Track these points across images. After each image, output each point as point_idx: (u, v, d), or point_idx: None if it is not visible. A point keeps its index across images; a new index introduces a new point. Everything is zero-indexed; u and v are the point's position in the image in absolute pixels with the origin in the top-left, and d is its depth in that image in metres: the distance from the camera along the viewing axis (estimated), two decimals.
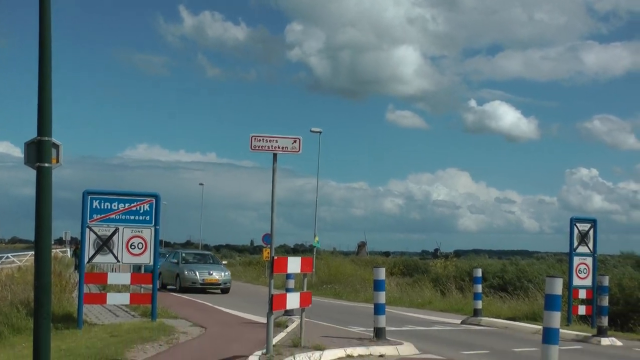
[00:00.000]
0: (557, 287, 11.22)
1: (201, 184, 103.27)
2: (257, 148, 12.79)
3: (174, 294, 31.95)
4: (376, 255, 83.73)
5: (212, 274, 36.29)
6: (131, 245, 18.06)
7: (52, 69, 6.90)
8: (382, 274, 16.03)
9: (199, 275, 35.96)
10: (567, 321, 21.49)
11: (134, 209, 18.21)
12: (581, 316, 22.25)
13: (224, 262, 43.18)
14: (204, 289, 36.13)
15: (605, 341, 18.24)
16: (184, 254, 40.88)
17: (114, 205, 18.08)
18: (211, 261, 40.84)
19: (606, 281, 19.42)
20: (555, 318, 11.16)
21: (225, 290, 36.70)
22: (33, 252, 7.38)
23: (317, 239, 51.62)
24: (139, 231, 18.24)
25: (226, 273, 37.75)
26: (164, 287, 36.13)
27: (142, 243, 18.23)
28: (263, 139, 12.81)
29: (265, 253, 44.35)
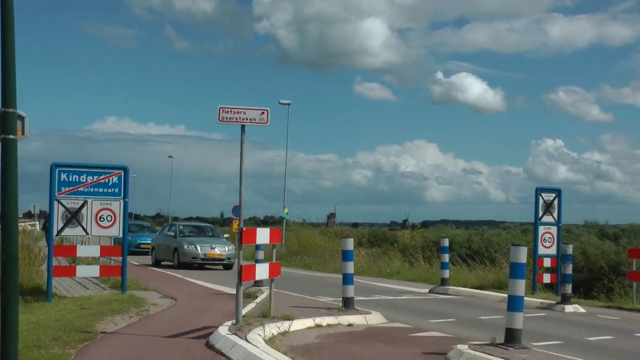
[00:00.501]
0: (522, 255, 11.27)
1: (170, 157, 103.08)
2: (225, 120, 12.70)
3: (138, 264, 31.69)
4: (345, 226, 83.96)
5: (214, 249, 32.38)
6: (100, 218, 18.02)
7: (16, 39, 6.84)
8: (350, 244, 16.04)
9: (200, 249, 32.10)
10: (532, 289, 21.65)
11: (103, 181, 18.08)
12: (546, 284, 22.41)
13: (225, 236, 37.96)
14: (205, 264, 33.12)
15: (569, 308, 18.39)
16: (181, 227, 37.22)
17: (83, 178, 17.96)
18: (211, 234, 36.90)
19: (570, 250, 19.55)
20: (520, 286, 11.21)
21: (228, 266, 32.25)
22: None
23: (286, 210, 51.68)
24: (108, 204, 18.18)
25: (230, 247, 32.88)
26: (158, 263, 34.13)
27: (111, 215, 18.18)
28: (231, 111, 12.73)
29: (235, 225, 43.57)
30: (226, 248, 33.04)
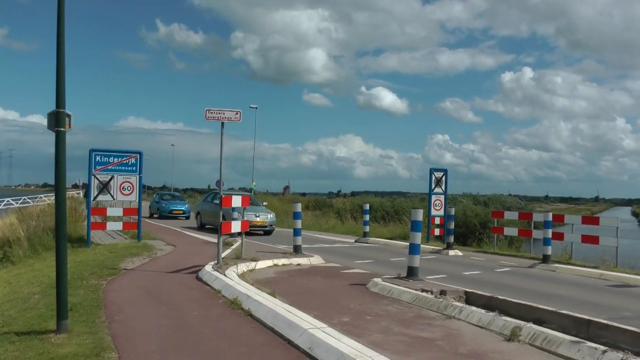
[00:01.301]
0: (419, 215, 11.47)
1: (172, 145, 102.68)
2: (209, 118, 12.79)
3: (151, 221, 31.40)
4: (296, 195, 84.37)
5: (258, 217, 25.89)
6: (122, 188, 18.24)
7: (66, 62, 6.93)
8: (299, 207, 16.14)
9: (246, 217, 23.41)
10: (426, 239, 21.93)
11: (125, 162, 18.34)
12: (436, 236, 22.65)
13: (264, 204, 31.08)
14: (250, 231, 24.53)
15: (451, 252, 18.66)
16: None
17: (111, 159, 18.24)
18: (256, 204, 28.64)
19: (453, 211, 19.89)
20: (418, 236, 11.42)
21: (268, 232, 26.48)
22: None
23: (254, 183, 51.55)
24: (128, 178, 18.36)
25: (271, 215, 27.05)
26: (203, 227, 27.67)
27: (130, 186, 18.38)
28: (214, 112, 12.83)
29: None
30: (268, 216, 26.56)
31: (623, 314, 9.32)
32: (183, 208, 37.66)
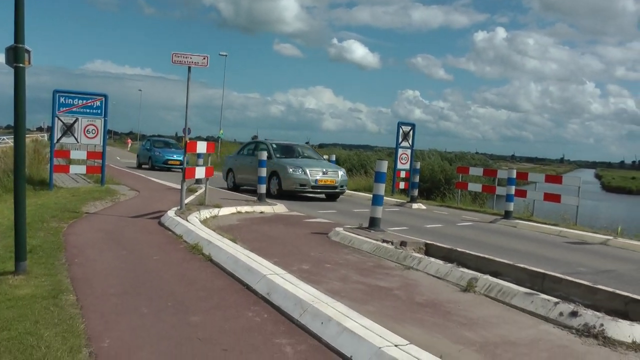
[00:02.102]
0: (383, 166, 11.54)
1: (140, 90, 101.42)
2: (176, 62, 12.71)
3: (115, 166, 31.13)
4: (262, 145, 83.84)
5: (327, 174, 19.45)
6: (87, 131, 18.02)
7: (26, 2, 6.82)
8: (264, 155, 16.10)
9: (311, 175, 19.08)
10: (391, 192, 22.10)
11: (90, 104, 18.08)
12: (401, 189, 22.83)
13: (325, 157, 24.52)
14: (316, 192, 19.83)
15: (414, 205, 18.85)
16: (274, 146, 20.96)
17: (75, 101, 17.95)
18: (315, 156, 21.96)
19: (418, 166, 20.05)
20: (381, 188, 11.50)
21: (335, 196, 20.37)
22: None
23: (222, 131, 51.49)
24: (92, 121, 18.12)
25: (342, 172, 20.49)
26: (237, 188, 21.40)
27: (95, 129, 18.16)
28: (181, 56, 12.74)
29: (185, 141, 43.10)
30: (339, 173, 20.15)
31: (578, 269, 9.51)
32: (181, 158, 31.36)
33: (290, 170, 19.03)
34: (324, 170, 19.38)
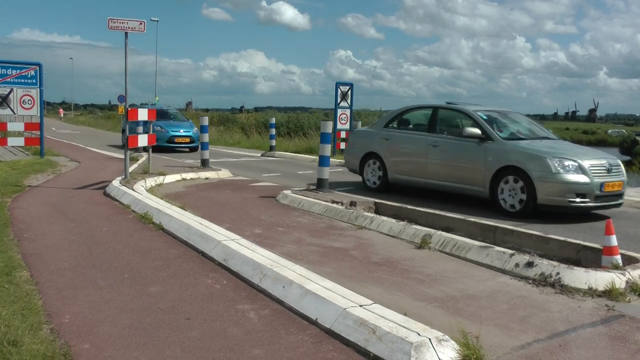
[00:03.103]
0: (329, 127, 11.49)
1: (71, 59, 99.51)
2: (112, 28, 12.31)
3: (52, 137, 30.32)
4: (199, 111, 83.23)
5: (612, 171, 10.28)
6: (23, 102, 17.49)
7: None
8: (206, 121, 15.94)
9: (592, 174, 9.88)
10: (332, 153, 22.10)
11: (24, 74, 17.54)
12: (341, 149, 22.86)
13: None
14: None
15: None
16: (482, 115, 11.34)
17: (9, 72, 17.39)
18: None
19: (359, 125, 20.08)
20: (327, 149, 11.45)
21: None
22: None
23: (157, 99, 50.56)
24: (28, 91, 17.59)
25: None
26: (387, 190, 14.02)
27: (31, 100, 17.65)
28: (117, 21, 12.36)
29: (121, 109, 41.95)
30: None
31: (527, 221, 9.65)
32: (190, 133, 24.63)
33: (555, 164, 9.89)
34: (606, 163, 10.39)
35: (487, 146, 10.71)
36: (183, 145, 24.30)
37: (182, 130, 24.31)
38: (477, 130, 10.93)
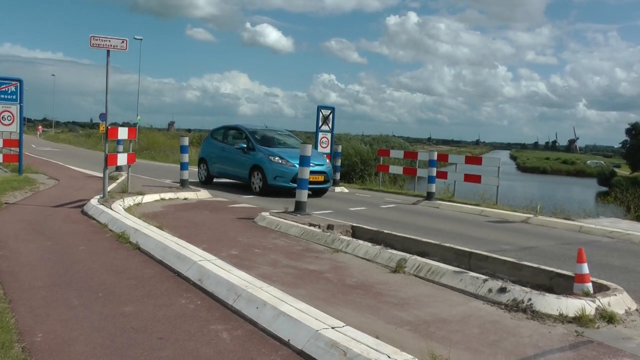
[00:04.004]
0: (308, 150, 11.58)
1: (53, 75, 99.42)
2: (95, 45, 12.36)
3: (31, 154, 30.13)
4: (181, 131, 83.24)
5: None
6: (2, 118, 17.41)
7: None
8: (186, 141, 16.00)
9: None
10: None
11: (3, 90, 17.45)
12: None
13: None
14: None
15: (337, 189, 18.94)
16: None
17: None
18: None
19: (339, 149, 20.22)
20: (306, 172, 11.52)
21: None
22: None
23: (139, 117, 50.61)
24: (8, 107, 17.52)
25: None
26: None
27: (10, 116, 17.58)
28: (99, 39, 12.41)
29: (102, 127, 41.96)
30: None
31: (501, 247, 9.75)
32: (324, 167, 16.87)
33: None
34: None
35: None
36: (317, 186, 16.21)
37: (313, 164, 14.75)
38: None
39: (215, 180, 18.80)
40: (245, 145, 17.23)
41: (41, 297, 5.83)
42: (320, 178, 16.35)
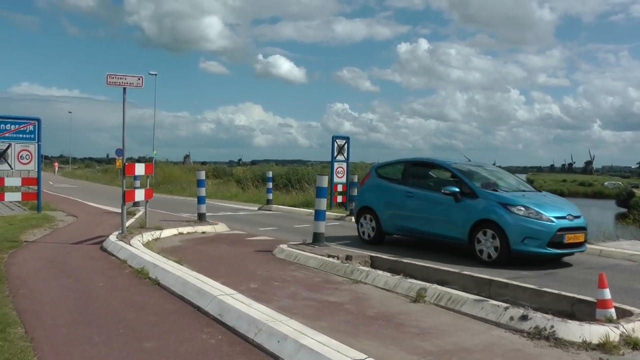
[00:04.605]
0: (324, 181, 11.60)
1: (70, 112, 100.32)
2: (111, 83, 12.46)
3: (49, 191, 30.30)
4: (197, 164, 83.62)
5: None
6: (20, 157, 17.54)
7: None
8: (202, 175, 16.08)
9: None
10: (329, 206, 22.13)
11: (22, 129, 17.60)
12: (339, 203, 22.89)
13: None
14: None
15: (353, 219, 18.89)
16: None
17: (7, 127, 17.43)
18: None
19: (355, 179, 20.13)
20: (323, 203, 11.55)
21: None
22: None
23: (155, 152, 50.90)
24: (26, 146, 17.65)
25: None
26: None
27: (29, 155, 17.71)
28: (115, 77, 12.51)
29: (118, 162, 42.13)
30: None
31: (521, 274, 9.67)
32: (581, 221, 11.21)
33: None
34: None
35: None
36: (574, 249, 10.99)
37: (569, 216, 11.00)
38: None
39: (226, 214, 18.80)
40: (457, 190, 11.43)
41: (63, 335, 5.86)
42: (581, 238, 10.93)
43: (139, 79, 12.75)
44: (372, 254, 10.51)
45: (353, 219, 18.74)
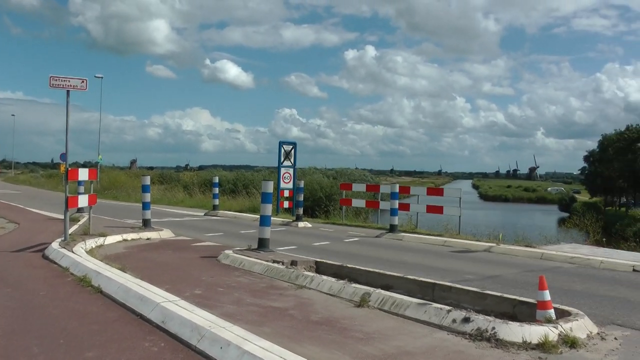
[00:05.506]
0: (269, 187, 11.61)
1: (13, 115, 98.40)
2: (54, 86, 12.25)
3: None
4: (143, 169, 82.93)
5: None
6: None
7: None
8: (148, 180, 15.93)
9: None
10: (276, 212, 22.13)
11: None
12: (285, 208, 22.91)
13: None
14: None
15: (300, 224, 18.92)
16: None
17: None
18: None
19: (302, 184, 20.19)
20: (268, 208, 11.53)
21: None
22: None
23: (100, 156, 50.28)
24: None
25: None
26: None
27: None
28: (59, 79, 12.31)
29: (62, 167, 41.51)
30: None
31: (465, 277, 9.80)
32: None
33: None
34: None
35: None
36: None
37: None
38: None
39: (172, 219, 18.69)
40: None
41: (0, 347, 5.73)
42: None
43: (83, 81, 12.56)
44: (317, 259, 10.53)
45: (300, 223, 18.85)
